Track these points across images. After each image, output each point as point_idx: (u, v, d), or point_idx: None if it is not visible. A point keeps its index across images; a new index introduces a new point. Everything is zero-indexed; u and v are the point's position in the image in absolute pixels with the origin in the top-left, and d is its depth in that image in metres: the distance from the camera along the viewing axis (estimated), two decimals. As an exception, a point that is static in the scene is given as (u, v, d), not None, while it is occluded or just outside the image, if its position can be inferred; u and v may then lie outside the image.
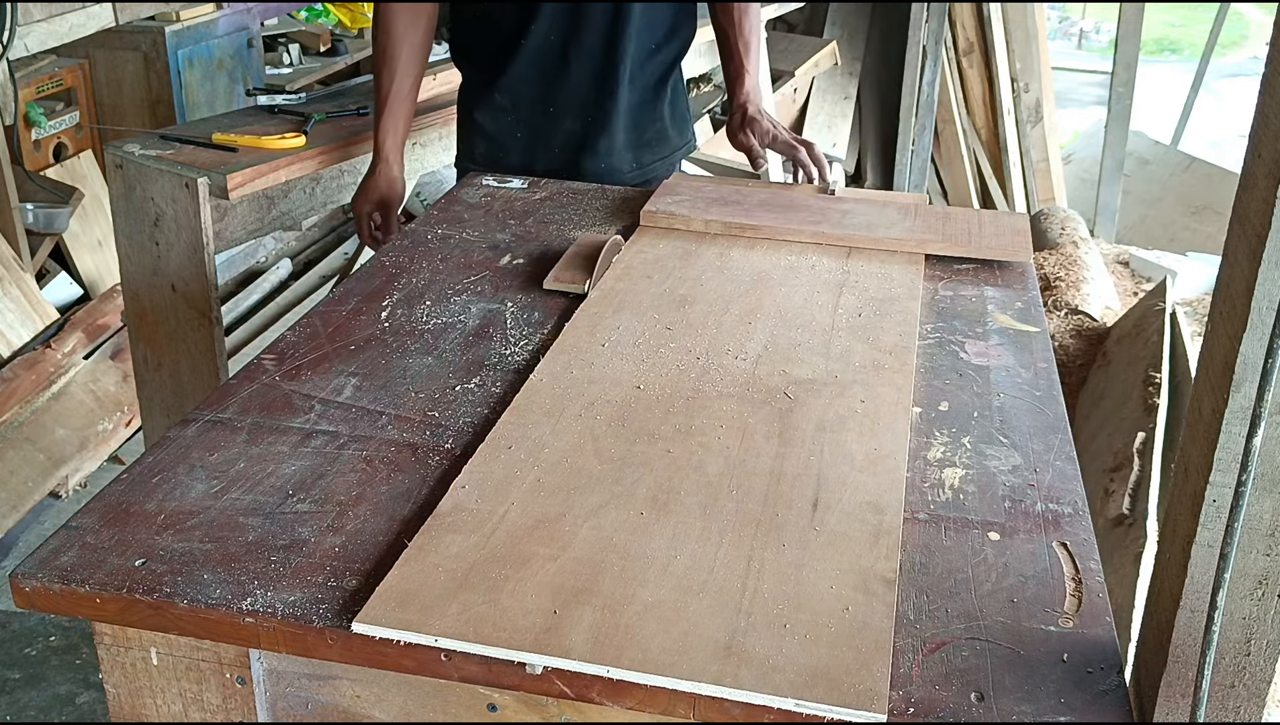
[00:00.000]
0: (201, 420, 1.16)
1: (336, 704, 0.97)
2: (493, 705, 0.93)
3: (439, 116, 2.63)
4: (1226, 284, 0.75)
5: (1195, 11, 9.78)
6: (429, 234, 1.67)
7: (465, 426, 1.16)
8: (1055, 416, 1.20)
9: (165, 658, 0.96)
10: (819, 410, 1.19)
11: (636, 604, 0.90)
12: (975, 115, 5.02)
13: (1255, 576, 0.76)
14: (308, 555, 0.96)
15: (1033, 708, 0.83)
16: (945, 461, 1.12)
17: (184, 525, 1.00)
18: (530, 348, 1.34)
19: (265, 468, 1.09)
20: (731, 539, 0.98)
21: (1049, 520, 1.03)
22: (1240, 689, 0.80)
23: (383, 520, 1.02)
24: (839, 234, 1.61)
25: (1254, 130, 0.72)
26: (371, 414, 1.18)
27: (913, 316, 1.40)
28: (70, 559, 0.95)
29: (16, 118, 3.25)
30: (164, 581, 0.93)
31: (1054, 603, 0.93)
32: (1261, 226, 0.69)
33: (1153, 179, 5.38)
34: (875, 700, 0.81)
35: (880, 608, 0.90)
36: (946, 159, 5.04)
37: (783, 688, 0.82)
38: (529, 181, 1.90)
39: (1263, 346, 0.70)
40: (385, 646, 0.87)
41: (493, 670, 0.86)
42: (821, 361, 1.28)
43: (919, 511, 1.04)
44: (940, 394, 1.24)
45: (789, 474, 1.07)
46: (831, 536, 0.99)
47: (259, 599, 0.91)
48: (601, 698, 0.85)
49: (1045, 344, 1.37)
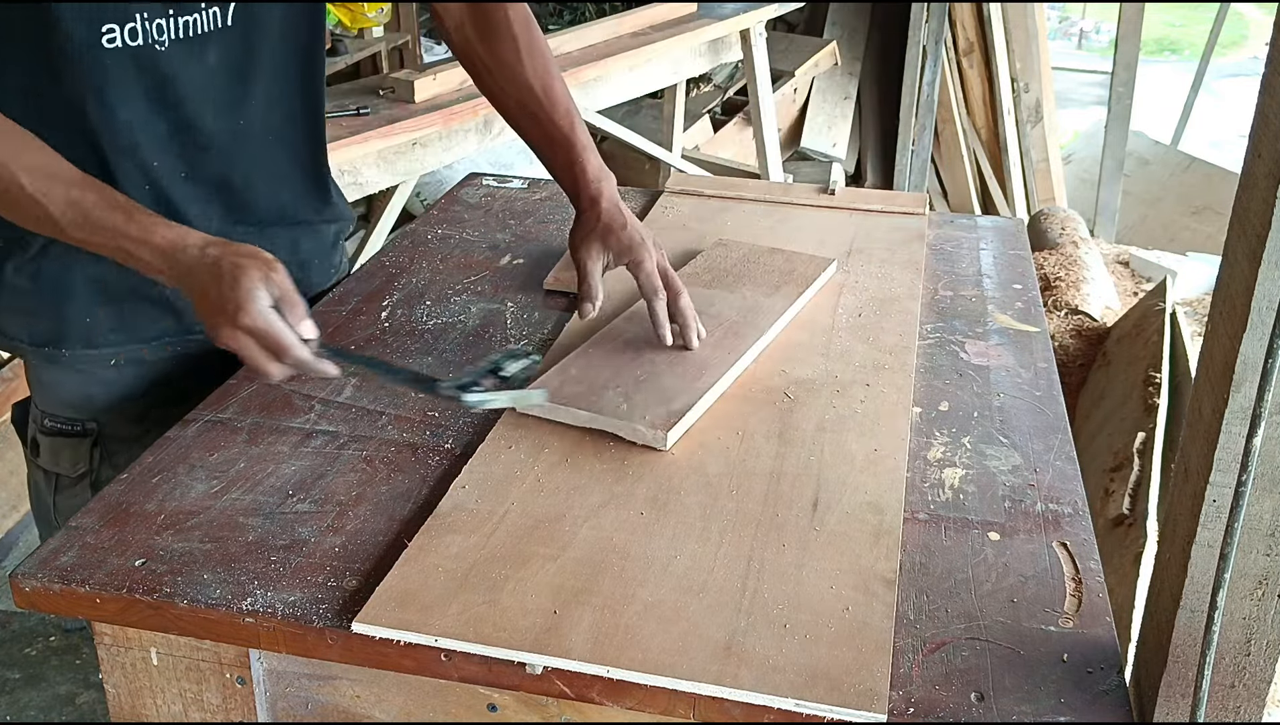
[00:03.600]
0: (201, 420, 1.16)
1: (336, 704, 0.97)
2: (493, 705, 0.93)
3: (439, 116, 2.63)
4: (1226, 284, 0.75)
5: (1195, 11, 9.78)
6: (429, 234, 1.67)
7: (465, 426, 1.16)
8: (1055, 416, 1.20)
9: (165, 658, 0.96)
10: (819, 410, 1.18)
11: (636, 604, 0.90)
12: (975, 115, 5.02)
13: (1255, 576, 0.76)
14: (308, 555, 0.96)
15: (1033, 708, 0.83)
16: (945, 461, 1.12)
17: (184, 525, 1.00)
18: (530, 348, 1.34)
19: (265, 468, 1.08)
20: (731, 539, 0.98)
21: (1049, 520, 1.03)
22: (1240, 689, 0.80)
23: (383, 520, 1.02)
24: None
25: (1254, 130, 0.72)
26: (371, 414, 1.18)
27: (913, 316, 1.40)
28: (70, 559, 0.95)
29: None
30: (164, 581, 0.93)
31: (1054, 603, 0.93)
32: (1261, 226, 0.69)
33: (1153, 179, 5.38)
34: (875, 700, 0.81)
35: (880, 608, 0.90)
36: (946, 159, 5.04)
37: (783, 688, 0.82)
38: (529, 181, 1.90)
39: (1263, 346, 0.70)
40: (385, 646, 0.87)
41: (493, 670, 0.86)
42: (821, 361, 1.28)
43: (919, 511, 1.04)
44: (940, 394, 1.25)
45: (789, 474, 1.07)
46: (831, 536, 0.99)
47: (259, 599, 0.91)
48: (601, 698, 0.85)
49: (1045, 344, 1.37)
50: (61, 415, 1.31)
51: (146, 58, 1.17)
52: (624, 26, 3.39)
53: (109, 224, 1.08)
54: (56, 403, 1.31)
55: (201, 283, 1.06)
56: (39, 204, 1.07)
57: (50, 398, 1.31)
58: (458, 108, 2.66)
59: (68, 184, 1.08)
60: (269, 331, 1.04)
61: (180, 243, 1.08)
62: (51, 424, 1.31)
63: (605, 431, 1.13)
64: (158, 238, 1.08)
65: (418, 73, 2.70)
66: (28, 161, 1.07)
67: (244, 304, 1.03)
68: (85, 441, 1.31)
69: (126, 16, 1.14)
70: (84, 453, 1.31)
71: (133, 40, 1.16)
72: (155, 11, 1.16)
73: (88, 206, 1.08)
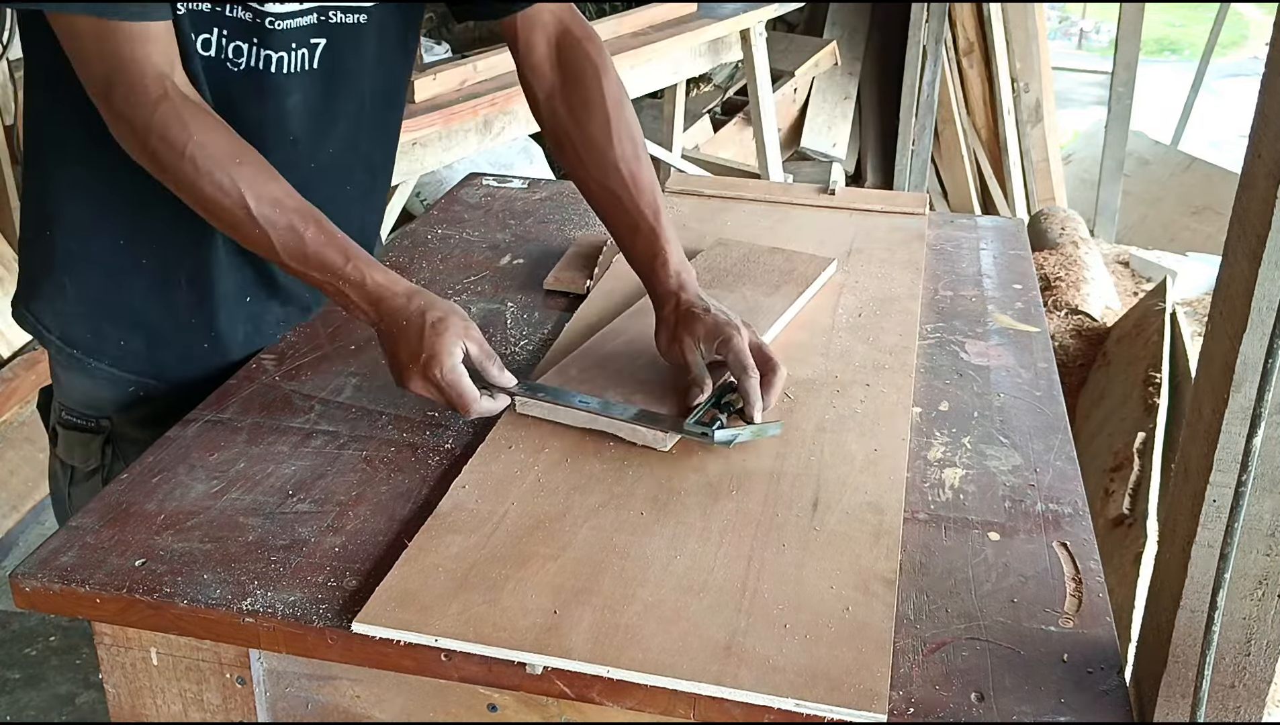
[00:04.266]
0: (201, 420, 1.16)
1: (336, 704, 0.97)
2: (493, 705, 0.93)
3: (438, 117, 2.63)
4: (1226, 284, 0.75)
5: (1195, 11, 9.78)
6: (429, 234, 1.67)
7: (465, 426, 1.16)
8: (1055, 416, 1.20)
9: (165, 658, 0.96)
10: (819, 410, 1.18)
11: (636, 604, 0.90)
12: (975, 115, 5.02)
13: (1255, 576, 0.76)
14: (308, 555, 0.96)
15: (1033, 708, 0.83)
16: (945, 461, 1.12)
17: (184, 525, 1.00)
18: (530, 348, 1.34)
19: (265, 468, 1.08)
20: (731, 539, 0.98)
21: (1049, 520, 1.03)
22: (1240, 689, 0.80)
23: (383, 520, 1.02)
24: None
25: (1254, 130, 0.72)
26: (371, 414, 1.18)
27: (913, 316, 1.39)
28: (70, 559, 0.95)
29: (16, 118, 3.25)
30: (164, 581, 0.93)
31: (1054, 603, 0.93)
32: (1261, 226, 0.69)
33: (1153, 179, 5.38)
34: (875, 700, 0.81)
35: (880, 608, 0.90)
36: (946, 159, 5.04)
37: (783, 688, 0.82)
38: (529, 181, 1.90)
39: (1263, 346, 0.70)
40: (385, 646, 0.87)
41: (493, 670, 0.86)
42: (821, 361, 1.28)
43: (919, 511, 1.04)
44: (940, 394, 1.24)
45: (789, 474, 1.07)
46: (831, 536, 0.99)
47: (259, 599, 0.91)
48: (601, 698, 0.85)
49: (1045, 344, 1.37)
50: (78, 410, 1.32)
51: (214, 73, 1.18)
52: (624, 26, 3.39)
53: (326, 261, 1.11)
54: (73, 398, 1.32)
55: (403, 330, 1.11)
56: (262, 230, 1.10)
57: (68, 393, 1.33)
58: (458, 108, 2.66)
59: (290, 213, 1.11)
60: (454, 387, 1.10)
61: (390, 289, 1.12)
62: (68, 417, 1.33)
63: (606, 432, 1.13)
64: (369, 282, 1.12)
65: (418, 72, 2.70)
66: (259, 189, 1.10)
67: (439, 357, 1.09)
68: (98, 438, 1.32)
69: (203, 28, 1.15)
70: (95, 449, 1.32)
71: (205, 50, 1.16)
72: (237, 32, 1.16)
73: (307, 239, 1.11)
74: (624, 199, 1.24)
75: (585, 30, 1.29)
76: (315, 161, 1.29)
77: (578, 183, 1.30)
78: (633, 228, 1.24)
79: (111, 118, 1.09)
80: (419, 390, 1.12)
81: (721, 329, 1.14)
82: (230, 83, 1.18)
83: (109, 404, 1.31)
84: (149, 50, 1.07)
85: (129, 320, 1.28)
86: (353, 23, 1.23)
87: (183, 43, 1.13)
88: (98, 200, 1.15)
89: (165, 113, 1.07)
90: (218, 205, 1.09)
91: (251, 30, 1.17)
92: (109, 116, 1.10)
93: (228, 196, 1.09)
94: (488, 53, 2.89)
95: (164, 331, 1.30)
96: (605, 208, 1.27)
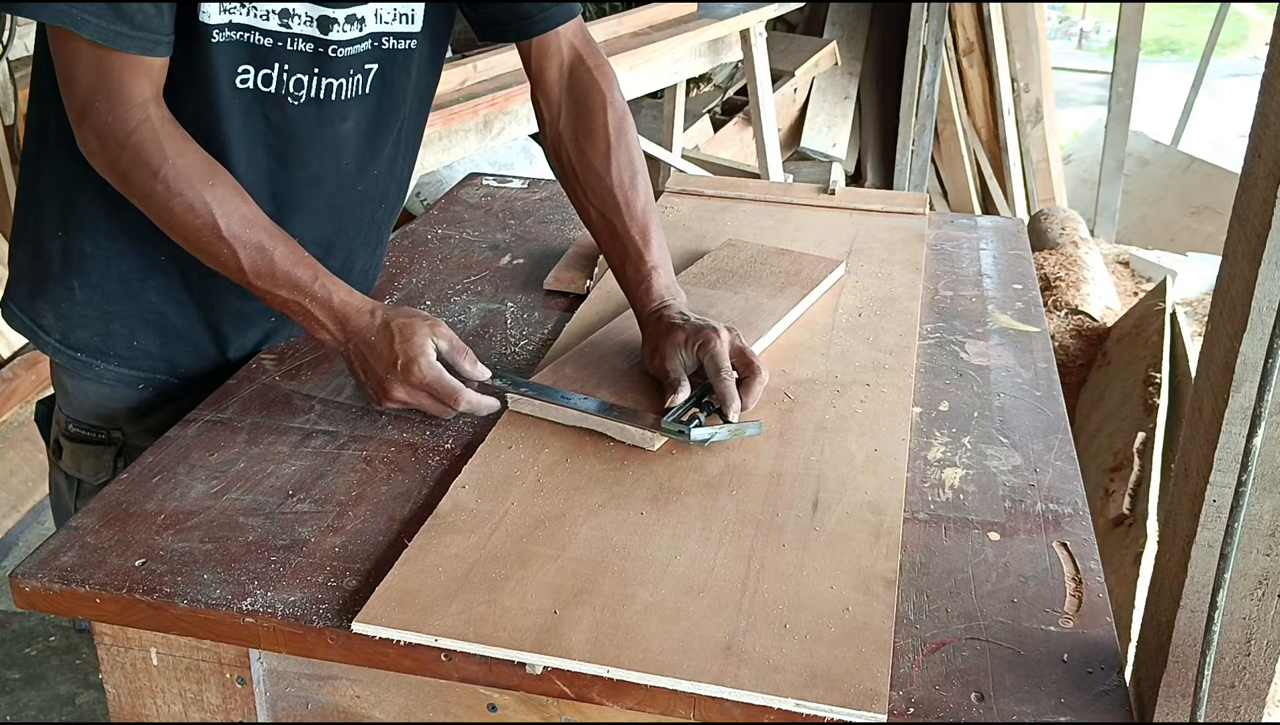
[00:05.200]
0: (201, 420, 1.16)
1: (336, 704, 0.97)
2: (493, 705, 0.93)
3: (438, 117, 2.63)
4: (1226, 284, 0.75)
5: (1195, 11, 9.78)
6: (429, 234, 1.67)
7: (465, 426, 1.16)
8: (1055, 416, 1.20)
9: (165, 658, 0.96)
10: (819, 410, 1.18)
11: (636, 604, 0.90)
12: (975, 115, 5.02)
13: (1255, 576, 0.76)
14: (308, 555, 0.96)
15: (1033, 708, 0.83)
16: (945, 461, 1.12)
17: (184, 525, 1.00)
18: (530, 348, 1.34)
19: (265, 468, 1.08)
20: (731, 539, 0.98)
21: (1049, 520, 1.03)
22: (1240, 689, 0.80)
23: (383, 520, 1.02)
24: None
25: (1254, 130, 0.72)
26: (371, 414, 1.18)
27: (913, 316, 1.39)
28: (70, 559, 0.95)
29: (16, 117, 3.25)
30: (164, 581, 0.93)
31: (1054, 603, 0.93)
32: (1261, 226, 0.69)
33: (1153, 179, 5.38)
34: (875, 700, 0.81)
35: (880, 608, 0.90)
36: (946, 159, 5.04)
37: (783, 688, 0.82)
38: (529, 181, 1.90)
39: (1263, 346, 0.70)
40: (385, 646, 0.87)
41: (493, 670, 0.86)
42: (821, 361, 1.28)
43: (919, 511, 1.04)
44: (940, 394, 1.24)
45: (789, 474, 1.07)
46: (831, 537, 0.99)
47: (259, 599, 0.91)
48: (601, 698, 0.85)
49: (1045, 344, 1.37)
50: (86, 422, 1.31)
51: (276, 108, 1.19)
52: (624, 26, 3.39)
53: (294, 279, 1.13)
54: (82, 410, 1.32)
55: (372, 346, 1.14)
56: (230, 248, 1.11)
57: (75, 404, 1.32)
58: (458, 108, 2.66)
59: (260, 232, 1.13)
60: (438, 382, 1.13)
61: (356, 307, 1.15)
62: (76, 430, 1.32)
63: (605, 432, 1.13)
64: (336, 301, 1.14)
65: (418, 73, 2.69)
66: (230, 207, 1.11)
67: (415, 357, 1.12)
68: (109, 450, 1.31)
69: (263, 63, 1.16)
70: (106, 462, 1.32)
71: (265, 86, 1.18)
72: (299, 65, 1.18)
73: (276, 258, 1.12)
74: (615, 223, 1.28)
75: (597, 59, 1.33)
76: (362, 184, 1.31)
77: (575, 205, 1.33)
78: (621, 253, 1.28)
79: (82, 131, 1.10)
80: (402, 397, 1.13)
81: (700, 332, 1.17)
82: (291, 116, 1.20)
83: (121, 414, 1.31)
84: (140, 78, 1.09)
85: (143, 319, 1.28)
86: (404, 48, 1.26)
87: (229, 76, 1.15)
88: (118, 201, 1.16)
89: (143, 134, 1.09)
90: (186, 224, 1.11)
91: (314, 61, 1.19)
92: (80, 129, 1.10)
93: (198, 216, 1.10)
94: (488, 53, 2.89)
95: (179, 328, 1.30)
96: (598, 230, 1.31)
